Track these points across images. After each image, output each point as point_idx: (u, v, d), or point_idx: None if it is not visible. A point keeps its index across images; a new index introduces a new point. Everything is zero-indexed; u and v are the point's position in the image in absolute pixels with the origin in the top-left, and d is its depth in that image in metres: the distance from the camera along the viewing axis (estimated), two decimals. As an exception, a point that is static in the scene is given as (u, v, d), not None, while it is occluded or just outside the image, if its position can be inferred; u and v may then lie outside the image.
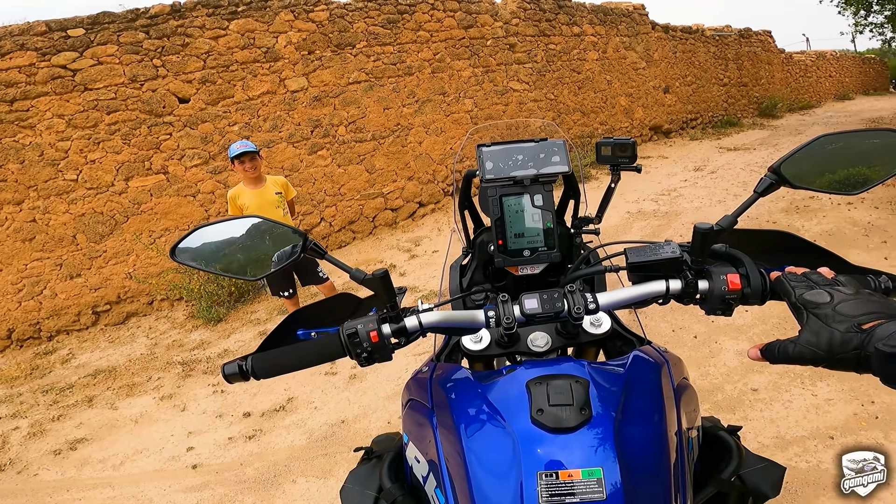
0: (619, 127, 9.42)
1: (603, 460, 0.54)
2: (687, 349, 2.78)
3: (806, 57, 18.12)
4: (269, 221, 0.82)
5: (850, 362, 0.53)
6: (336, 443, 2.50)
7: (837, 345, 0.53)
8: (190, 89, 4.98)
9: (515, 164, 0.90)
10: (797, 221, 4.60)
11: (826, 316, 0.56)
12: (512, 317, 0.71)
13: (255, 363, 0.74)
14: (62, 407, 3.39)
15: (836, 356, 0.53)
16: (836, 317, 0.55)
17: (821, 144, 0.75)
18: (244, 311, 4.53)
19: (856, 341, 0.52)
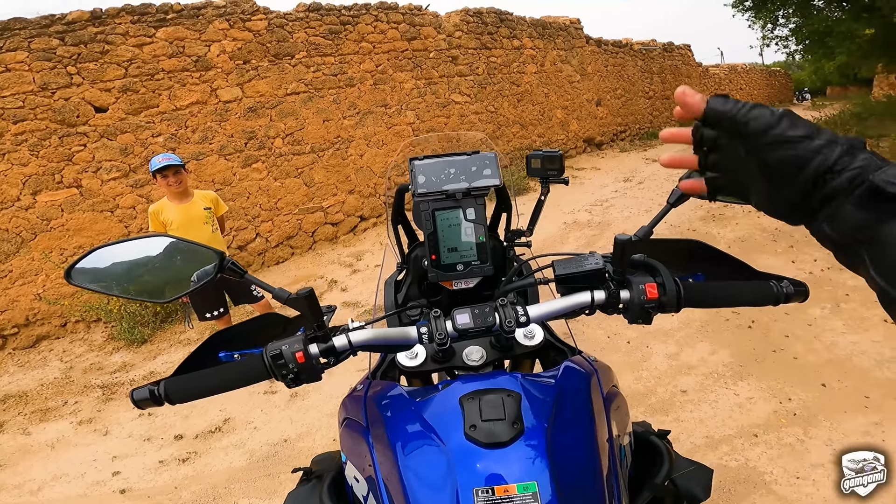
0: (555, 139, 9.79)
1: (537, 473, 0.55)
2: (621, 354, 2.96)
3: (720, 70, 19.52)
4: (182, 241, 0.77)
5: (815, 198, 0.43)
6: (279, 463, 2.47)
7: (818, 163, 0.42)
8: (108, 98, 4.62)
9: (448, 177, 0.90)
10: (714, 229, 5.01)
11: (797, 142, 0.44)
12: (444, 332, 0.71)
13: (169, 387, 0.69)
14: None
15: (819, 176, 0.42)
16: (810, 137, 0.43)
17: None
18: (172, 332, 4.32)
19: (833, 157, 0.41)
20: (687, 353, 2.89)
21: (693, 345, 2.97)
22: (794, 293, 0.76)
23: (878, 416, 2.17)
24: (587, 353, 0.89)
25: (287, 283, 5.19)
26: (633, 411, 2.57)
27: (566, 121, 10.12)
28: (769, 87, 25.99)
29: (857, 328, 2.88)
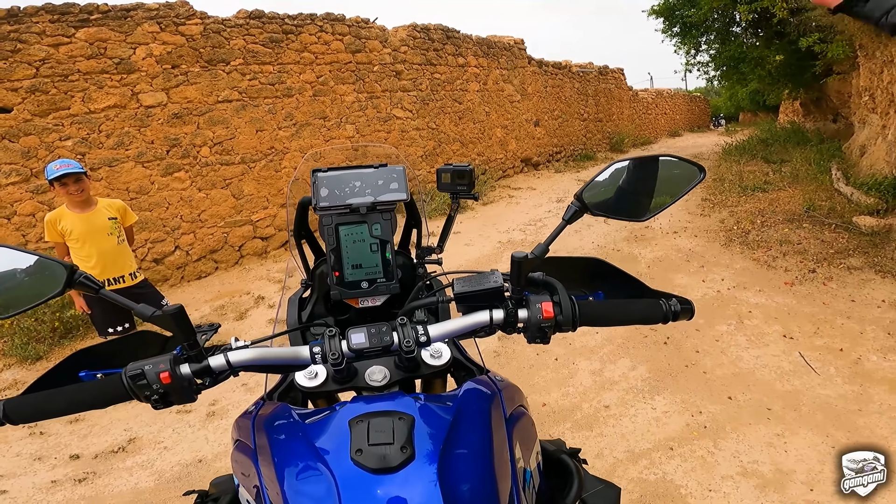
0: (494, 158, 10.02)
1: (429, 500, 0.53)
2: (549, 371, 3.02)
3: (648, 94, 20.72)
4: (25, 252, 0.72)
5: None
6: (192, 484, 2.35)
7: None
8: (14, 98, 4.24)
9: (353, 190, 0.87)
10: (636, 249, 5.27)
11: None
12: (339, 352, 0.69)
13: (10, 407, 0.65)
14: None
15: None
16: None
17: (616, 171, 0.81)
18: (72, 349, 3.98)
19: None
20: (609, 370, 3.00)
21: (615, 361, 3.09)
22: (681, 311, 0.78)
23: (780, 428, 2.34)
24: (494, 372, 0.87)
25: (210, 299, 4.91)
26: (559, 427, 2.65)
27: (505, 140, 10.39)
28: (689, 113, 27.77)
29: (758, 343, 3.12)
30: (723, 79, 12.45)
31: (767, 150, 10.72)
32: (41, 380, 0.70)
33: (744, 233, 5.31)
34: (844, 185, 6.03)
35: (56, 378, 0.71)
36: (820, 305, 3.54)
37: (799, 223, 5.27)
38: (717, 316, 3.52)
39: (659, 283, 4.30)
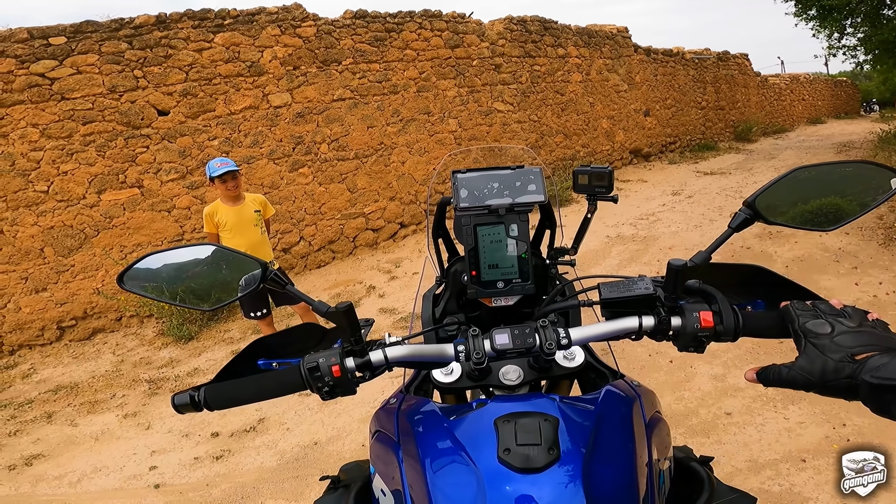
0: (600, 150, 9.59)
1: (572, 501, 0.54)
2: (662, 374, 2.85)
3: (780, 80, 18.64)
4: (226, 249, 0.80)
5: (841, 390, 0.56)
6: (308, 465, 2.49)
7: (830, 372, 0.56)
8: (170, 102, 4.89)
9: (491, 192, 0.89)
10: (770, 247, 4.74)
11: (823, 346, 0.58)
12: (482, 352, 0.70)
13: (209, 394, 0.71)
14: (20, 422, 3.32)
15: (828, 383, 0.57)
16: (833, 347, 0.58)
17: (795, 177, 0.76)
18: (217, 330, 4.46)
19: (847, 370, 0.55)
20: (734, 376, 2.74)
21: (741, 367, 2.81)
22: None
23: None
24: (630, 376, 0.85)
25: (328, 287, 5.29)
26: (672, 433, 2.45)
27: (612, 131, 9.90)
28: (834, 98, 24.64)
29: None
30: (876, 63, 10.95)
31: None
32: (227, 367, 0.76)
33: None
34: None
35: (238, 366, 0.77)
36: None
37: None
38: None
39: (799, 283, 3.80)
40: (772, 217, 0.74)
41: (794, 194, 0.77)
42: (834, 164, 0.79)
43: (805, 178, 0.77)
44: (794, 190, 0.76)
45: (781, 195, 0.76)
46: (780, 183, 0.75)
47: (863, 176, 0.78)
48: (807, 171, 0.77)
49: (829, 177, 0.79)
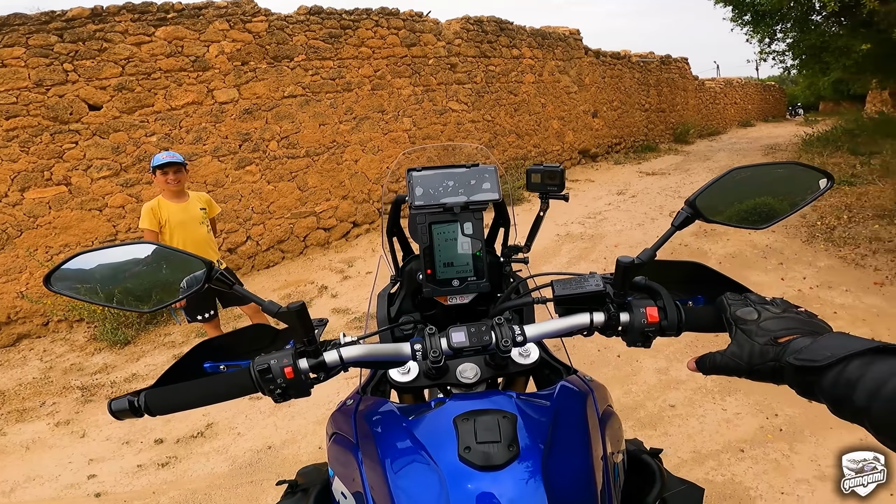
0: (550, 150, 9.83)
1: (533, 497, 0.54)
2: (611, 368, 2.96)
3: (716, 84, 19.67)
4: (167, 248, 0.76)
5: (767, 373, 0.59)
6: (262, 470, 2.44)
7: (756, 356, 0.59)
8: (103, 96, 4.59)
9: (446, 190, 0.88)
10: (705, 245, 5.03)
11: (750, 331, 0.61)
12: (439, 350, 0.70)
13: (150, 399, 0.68)
14: None
15: (755, 367, 0.59)
16: (759, 331, 0.61)
17: (732, 177, 0.79)
18: (156, 334, 4.27)
19: (772, 353, 0.58)
20: (676, 368, 2.89)
21: (683, 360, 2.97)
22: None
23: (863, 432, 2.18)
24: (582, 371, 0.87)
25: (277, 287, 5.16)
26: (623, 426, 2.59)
27: (562, 131, 10.17)
28: (763, 102, 26.22)
29: (844, 346, 2.90)
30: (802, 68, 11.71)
31: (854, 141, 9.89)
32: (171, 370, 0.73)
33: (829, 229, 4.94)
34: (946, 177, 5.44)
35: (183, 370, 0.74)
36: (915, 308, 3.23)
37: (890, 219, 4.84)
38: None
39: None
40: (710, 216, 0.77)
41: (730, 194, 0.80)
42: (768, 165, 0.83)
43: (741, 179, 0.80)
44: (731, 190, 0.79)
45: (719, 195, 0.79)
46: (719, 183, 0.78)
47: (794, 176, 0.82)
48: (743, 172, 0.80)
49: (763, 177, 0.83)
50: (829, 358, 0.52)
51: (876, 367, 0.50)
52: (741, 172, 0.80)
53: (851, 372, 0.51)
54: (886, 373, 0.49)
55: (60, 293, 0.72)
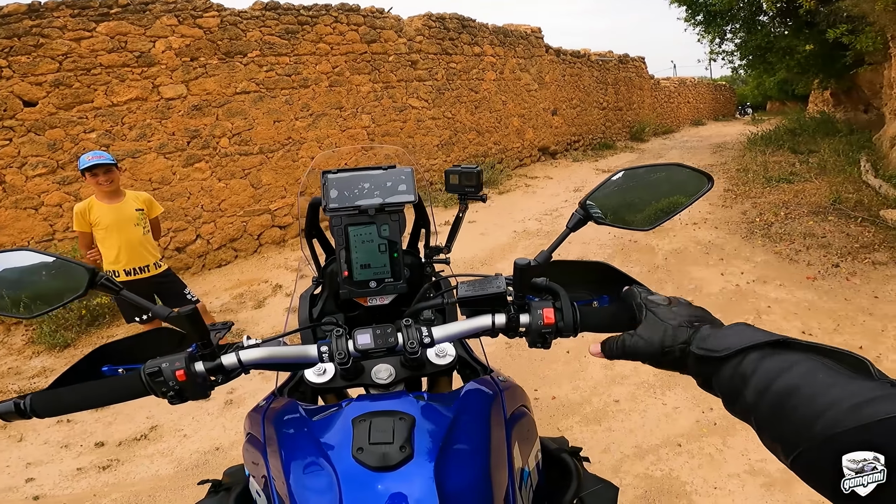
0: (511, 147, 9.94)
1: (425, 499, 0.54)
2: (560, 364, 3.01)
3: (670, 83, 20.28)
4: (49, 255, 0.75)
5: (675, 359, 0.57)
6: (209, 471, 2.40)
7: (669, 338, 0.57)
8: (39, 92, 4.35)
9: (361, 192, 0.88)
10: (654, 240, 5.18)
11: (663, 314, 0.60)
12: (346, 352, 0.71)
13: (36, 401, 0.68)
14: None
15: (666, 349, 0.57)
16: (671, 315, 0.60)
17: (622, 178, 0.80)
18: (98, 336, 4.10)
19: (683, 336, 0.56)
20: (621, 364, 2.95)
21: None
22: None
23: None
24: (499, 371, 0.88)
25: (230, 287, 5.02)
26: (568, 420, 2.66)
27: (522, 129, 10.29)
28: (714, 101, 27.10)
29: (776, 339, 3.07)
30: (749, 68, 12.18)
31: (795, 140, 10.41)
32: (66, 374, 0.73)
33: (766, 225, 5.19)
34: (873, 177, 5.84)
35: (80, 372, 0.74)
36: (842, 301, 3.45)
37: (824, 216, 5.13)
38: (734, 311, 3.46)
39: (676, 276, 4.27)
40: (600, 218, 0.78)
41: (620, 195, 0.81)
42: (654, 167, 0.85)
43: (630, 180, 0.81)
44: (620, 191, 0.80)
45: (610, 196, 0.80)
46: (608, 184, 0.79)
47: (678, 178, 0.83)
48: (631, 174, 0.81)
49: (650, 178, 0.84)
50: (727, 349, 0.51)
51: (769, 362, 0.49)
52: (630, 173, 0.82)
53: (746, 366, 0.50)
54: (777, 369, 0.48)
55: None
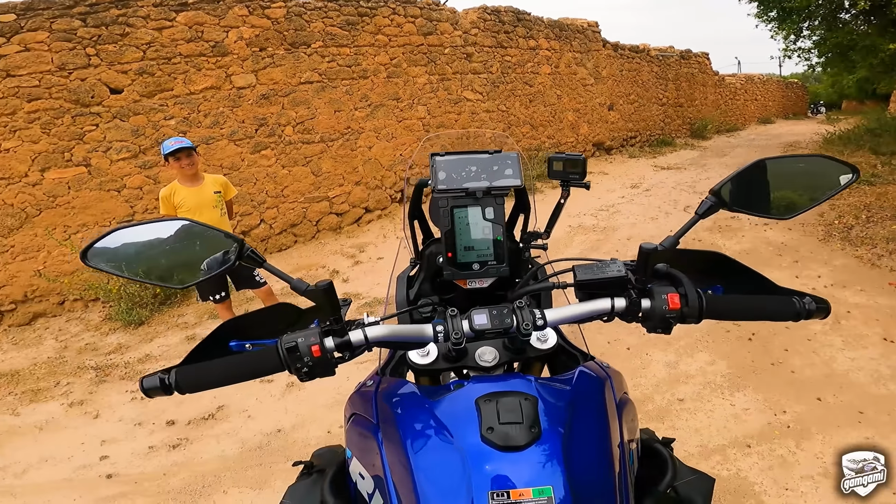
0: (564, 141, 9.76)
1: (553, 478, 0.55)
2: (620, 360, 2.95)
3: (736, 80, 19.31)
4: (200, 225, 0.76)
5: None
6: (272, 453, 2.44)
7: None
8: (125, 80, 4.66)
9: (468, 175, 0.89)
10: (719, 240, 4.97)
11: None
12: (461, 332, 0.71)
13: (180, 376, 0.68)
14: None
15: None
16: None
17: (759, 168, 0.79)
18: (170, 315, 4.32)
19: None
20: (686, 363, 2.89)
21: (692, 354, 2.97)
22: (815, 310, 0.76)
23: (871, 431, 2.18)
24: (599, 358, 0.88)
25: (289, 271, 5.19)
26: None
27: (577, 123, 10.09)
28: (784, 99, 25.72)
29: (855, 345, 2.88)
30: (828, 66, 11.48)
31: (876, 140, 9.66)
32: (197, 349, 0.73)
33: (846, 228, 4.86)
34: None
35: (209, 348, 0.74)
36: (931, 309, 3.19)
37: (910, 219, 4.74)
38: (809, 314, 3.26)
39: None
40: (735, 205, 0.78)
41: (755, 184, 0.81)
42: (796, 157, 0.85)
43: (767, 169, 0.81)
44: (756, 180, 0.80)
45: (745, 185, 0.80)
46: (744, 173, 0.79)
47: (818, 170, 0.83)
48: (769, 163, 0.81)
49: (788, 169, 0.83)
50: None
51: None
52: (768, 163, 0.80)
53: None
54: None
55: (96, 268, 0.72)
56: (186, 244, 0.76)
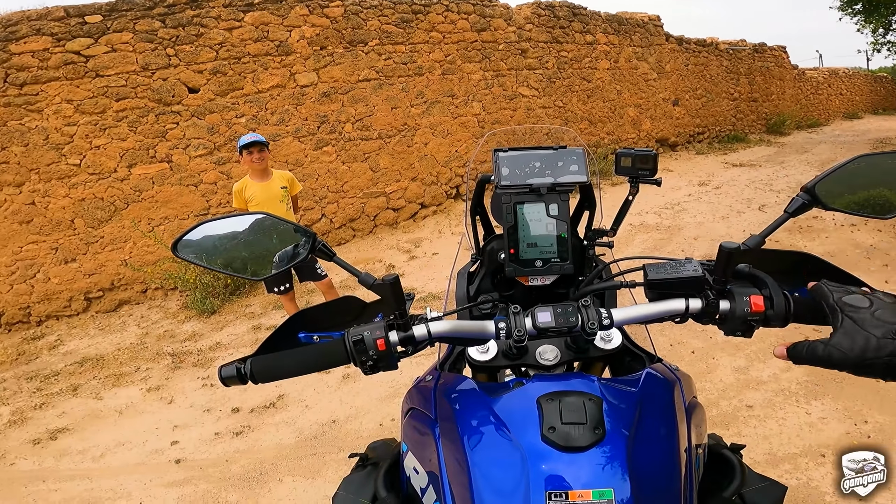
0: (625, 138, 9.41)
1: (614, 481, 0.53)
2: (684, 364, 2.81)
3: (818, 74, 17.98)
4: (274, 218, 0.79)
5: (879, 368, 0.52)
6: (325, 443, 2.50)
7: (872, 349, 0.52)
8: (201, 79, 4.97)
9: (532, 171, 0.88)
10: (800, 241, 4.62)
11: (863, 320, 0.54)
12: (524, 329, 0.70)
13: (255, 366, 0.71)
14: (46, 395, 3.32)
15: (867, 361, 0.52)
16: (874, 321, 0.54)
17: (857, 164, 0.75)
18: (239, 304, 4.52)
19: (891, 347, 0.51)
20: (757, 368, 2.71)
21: (765, 360, 2.77)
22: None
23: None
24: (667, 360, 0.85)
25: (347, 264, 5.34)
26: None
27: (638, 119, 9.70)
28: (873, 94, 23.67)
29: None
30: (921, 60, 10.48)
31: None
32: (269, 340, 0.76)
33: (946, 226, 4.34)
34: None
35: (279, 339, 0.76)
36: None
37: None
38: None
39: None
40: (830, 203, 0.73)
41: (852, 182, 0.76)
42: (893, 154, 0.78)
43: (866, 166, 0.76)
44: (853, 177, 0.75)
45: (840, 182, 0.75)
46: (841, 170, 0.74)
47: None
48: (866, 160, 0.76)
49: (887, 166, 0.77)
50: None
51: None
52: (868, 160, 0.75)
53: None
54: None
55: (185, 259, 0.77)
56: (261, 237, 0.80)
